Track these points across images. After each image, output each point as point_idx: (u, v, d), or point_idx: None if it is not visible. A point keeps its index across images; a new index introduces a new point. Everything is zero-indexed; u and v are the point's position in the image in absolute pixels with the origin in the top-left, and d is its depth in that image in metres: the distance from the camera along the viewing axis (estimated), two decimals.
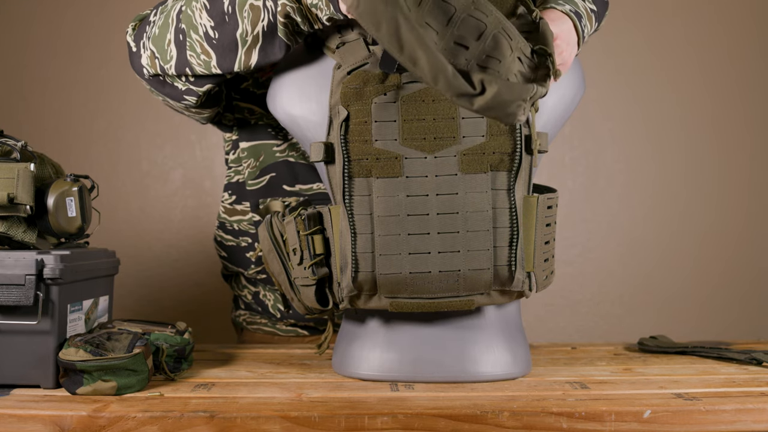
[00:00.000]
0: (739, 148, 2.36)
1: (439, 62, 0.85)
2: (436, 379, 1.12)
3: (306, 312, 1.20)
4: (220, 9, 1.16)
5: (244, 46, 1.16)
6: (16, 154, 1.15)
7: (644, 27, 2.35)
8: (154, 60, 1.22)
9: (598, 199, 2.35)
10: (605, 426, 0.96)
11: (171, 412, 0.95)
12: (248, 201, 1.47)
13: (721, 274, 2.35)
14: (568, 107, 1.18)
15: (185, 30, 1.18)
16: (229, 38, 1.16)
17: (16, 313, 1.07)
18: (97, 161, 2.25)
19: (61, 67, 2.23)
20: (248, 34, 1.15)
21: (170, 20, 1.19)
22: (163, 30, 1.20)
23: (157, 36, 1.21)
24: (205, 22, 1.17)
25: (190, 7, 1.18)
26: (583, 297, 2.36)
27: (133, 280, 2.21)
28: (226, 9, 1.16)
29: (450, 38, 0.91)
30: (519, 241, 1.08)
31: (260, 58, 1.17)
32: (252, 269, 1.49)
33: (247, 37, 1.16)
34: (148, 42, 1.22)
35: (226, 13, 1.16)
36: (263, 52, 1.17)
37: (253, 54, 1.17)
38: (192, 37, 1.18)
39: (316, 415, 0.95)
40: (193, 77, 1.22)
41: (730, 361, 1.29)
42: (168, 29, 1.20)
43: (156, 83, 1.26)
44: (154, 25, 1.22)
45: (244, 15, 1.15)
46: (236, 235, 1.50)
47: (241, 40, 1.16)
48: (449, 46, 0.91)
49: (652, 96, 2.35)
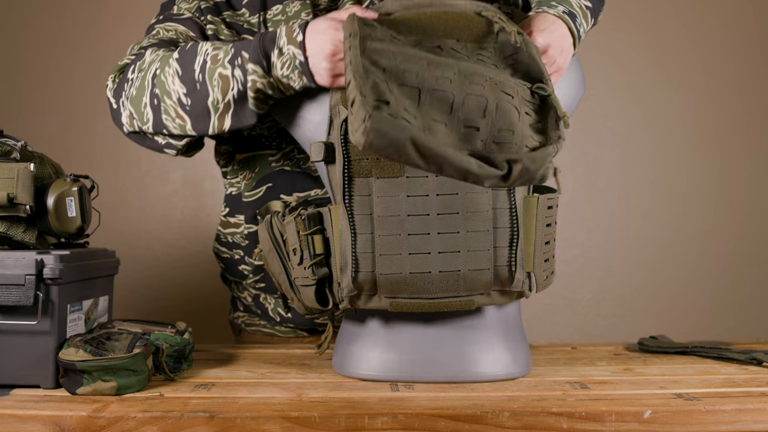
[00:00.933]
0: (739, 148, 2.36)
1: (462, 161, 0.87)
2: (436, 379, 1.12)
3: (306, 312, 1.20)
4: (191, 76, 1.18)
5: (216, 113, 1.18)
6: (15, 154, 1.15)
7: (644, 27, 2.35)
8: (132, 120, 1.24)
9: (598, 199, 2.35)
10: (605, 426, 0.96)
11: (171, 412, 0.95)
12: (242, 213, 1.46)
13: (721, 274, 2.35)
14: (568, 107, 1.18)
15: (159, 95, 1.20)
16: (202, 105, 1.18)
17: (15, 313, 1.07)
18: (97, 161, 2.25)
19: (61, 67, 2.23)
20: (219, 102, 1.17)
21: (146, 83, 1.21)
22: (140, 92, 1.22)
23: (134, 97, 1.23)
24: (178, 88, 1.19)
25: (164, 72, 1.20)
26: (583, 297, 2.36)
27: (133, 280, 2.21)
28: (197, 77, 1.17)
29: (459, 125, 0.92)
30: (519, 241, 1.08)
31: (233, 123, 1.18)
32: (250, 278, 1.49)
33: (219, 105, 1.17)
34: (126, 101, 1.24)
35: (197, 81, 1.17)
36: (236, 117, 1.18)
37: (226, 119, 1.18)
38: (166, 102, 1.20)
39: (316, 415, 0.95)
40: (171, 136, 1.24)
41: (730, 361, 1.29)
42: (144, 92, 1.21)
43: (136, 138, 1.28)
44: (132, 85, 1.23)
45: (213, 83, 1.16)
46: (230, 248, 1.50)
47: (213, 108, 1.18)
48: (461, 133, 0.92)
49: (652, 96, 2.35)
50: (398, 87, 0.91)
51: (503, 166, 0.90)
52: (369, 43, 0.94)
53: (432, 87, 0.92)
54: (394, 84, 0.91)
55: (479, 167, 0.88)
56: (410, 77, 0.92)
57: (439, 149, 0.86)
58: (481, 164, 0.89)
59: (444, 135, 0.91)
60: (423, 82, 0.92)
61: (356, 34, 0.95)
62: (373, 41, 0.95)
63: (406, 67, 0.92)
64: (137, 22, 2.16)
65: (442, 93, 0.92)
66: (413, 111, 0.90)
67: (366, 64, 0.90)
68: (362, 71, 0.89)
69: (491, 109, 0.93)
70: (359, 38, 0.94)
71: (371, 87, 0.88)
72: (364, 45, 0.93)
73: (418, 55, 0.94)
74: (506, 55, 1.03)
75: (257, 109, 1.17)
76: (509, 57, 1.03)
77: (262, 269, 1.47)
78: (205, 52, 1.17)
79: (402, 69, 0.92)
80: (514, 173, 0.90)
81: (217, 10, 1.40)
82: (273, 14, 1.40)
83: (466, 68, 0.95)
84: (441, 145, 0.87)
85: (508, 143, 0.92)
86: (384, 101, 0.88)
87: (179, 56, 1.19)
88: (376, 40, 0.96)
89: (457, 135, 0.92)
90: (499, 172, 0.89)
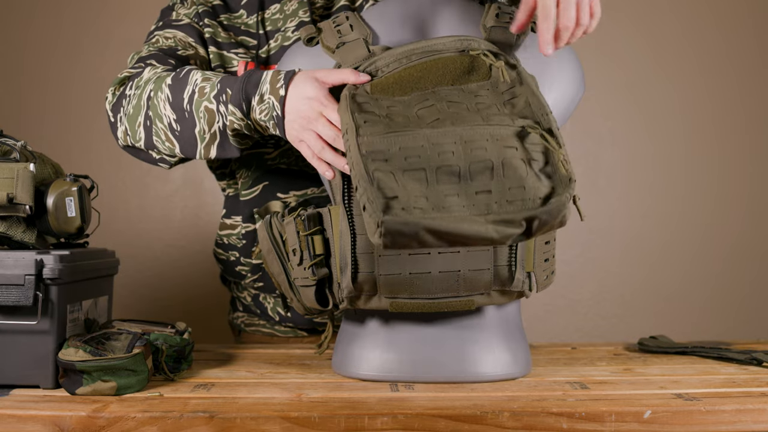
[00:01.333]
0: (739, 148, 2.36)
1: (479, 231, 0.90)
2: (436, 380, 1.12)
3: (305, 312, 1.20)
4: (180, 104, 1.21)
5: (202, 142, 1.22)
6: (15, 154, 1.15)
7: (644, 27, 2.35)
8: (126, 136, 1.27)
9: (598, 199, 2.35)
10: (605, 426, 0.96)
11: (170, 412, 0.95)
12: (239, 214, 1.46)
13: (721, 273, 2.35)
14: (568, 107, 1.18)
15: (152, 117, 1.24)
16: (189, 133, 1.22)
17: (15, 313, 1.06)
18: (97, 161, 2.25)
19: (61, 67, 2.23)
20: (206, 132, 1.21)
21: (141, 103, 1.24)
22: (135, 111, 1.25)
23: (131, 115, 1.26)
24: (168, 113, 1.22)
25: (157, 96, 1.23)
26: (583, 297, 2.36)
27: (133, 280, 2.21)
28: (185, 106, 1.20)
29: (471, 192, 0.93)
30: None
31: (218, 153, 1.23)
32: (249, 278, 1.49)
33: (205, 135, 1.21)
34: (123, 117, 1.27)
35: (185, 110, 1.21)
36: (221, 149, 1.22)
37: (212, 149, 1.22)
38: (158, 125, 1.23)
39: (316, 416, 0.95)
40: (163, 153, 1.27)
41: (730, 361, 1.29)
42: (140, 111, 1.25)
43: (131, 151, 1.31)
44: (129, 102, 1.26)
45: (200, 115, 1.20)
46: (226, 249, 1.50)
47: (199, 137, 1.21)
48: (475, 200, 0.93)
49: (652, 96, 2.35)
50: (404, 173, 0.93)
51: (521, 224, 0.91)
52: (366, 137, 0.96)
53: (437, 165, 0.93)
54: (399, 172, 0.93)
55: (497, 232, 0.90)
56: (414, 160, 0.93)
57: (453, 227, 0.89)
58: (498, 229, 0.90)
59: (458, 206, 0.92)
60: (427, 161, 0.93)
61: (353, 130, 0.97)
62: (369, 127, 0.97)
63: (408, 151, 0.94)
64: (137, 22, 2.16)
65: (448, 167, 0.93)
66: (424, 192, 0.92)
67: (367, 164, 0.93)
68: (366, 176, 0.92)
69: (498, 169, 0.94)
70: (356, 134, 0.96)
71: (377, 189, 0.91)
72: (362, 140, 0.95)
73: (417, 135, 0.95)
74: (502, 91, 1.04)
75: (238, 145, 1.21)
76: (506, 92, 1.04)
77: (260, 268, 1.47)
78: (195, 83, 1.20)
79: (404, 155, 0.94)
80: (534, 228, 0.92)
81: (215, 13, 1.40)
82: (271, 13, 1.40)
83: (466, 134, 0.95)
84: (454, 223, 0.89)
85: (521, 200, 0.93)
86: (393, 197, 0.91)
87: (171, 82, 1.22)
88: (372, 120, 0.99)
89: (472, 202, 0.93)
90: (518, 231, 0.91)
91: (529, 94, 1.02)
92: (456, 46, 1.10)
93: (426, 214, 0.90)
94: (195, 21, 1.39)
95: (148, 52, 1.33)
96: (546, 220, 0.92)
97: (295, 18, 1.39)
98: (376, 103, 1.05)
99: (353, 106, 1.03)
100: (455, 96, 1.04)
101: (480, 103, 1.02)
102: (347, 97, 1.04)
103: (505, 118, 0.98)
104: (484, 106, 1.01)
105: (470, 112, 1.00)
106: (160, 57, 1.32)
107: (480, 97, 1.03)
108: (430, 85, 1.07)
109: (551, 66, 1.17)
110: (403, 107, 1.04)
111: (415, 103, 1.04)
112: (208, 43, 1.38)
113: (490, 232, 0.91)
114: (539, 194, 0.93)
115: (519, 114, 1.00)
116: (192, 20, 1.39)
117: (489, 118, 0.98)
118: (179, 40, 1.36)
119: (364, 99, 1.05)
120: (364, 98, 1.05)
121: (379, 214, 0.89)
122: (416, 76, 1.08)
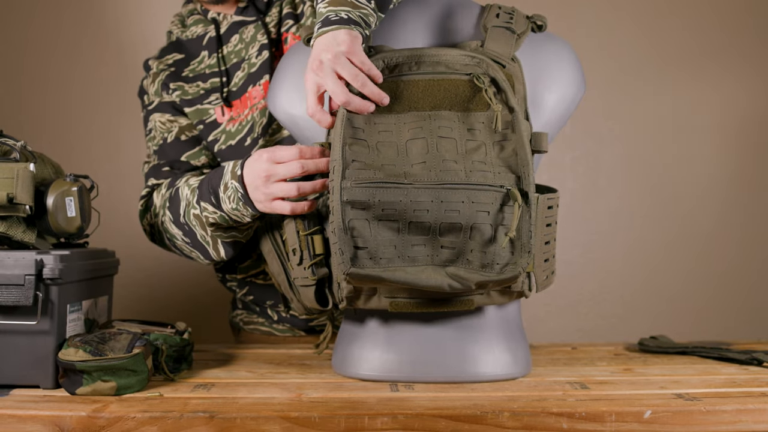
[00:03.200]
0: (739, 148, 2.36)
1: (435, 283, 1.00)
2: (436, 380, 1.12)
3: (305, 312, 1.20)
4: (179, 220, 1.30)
5: (209, 246, 1.29)
6: (15, 154, 1.15)
7: (645, 26, 2.35)
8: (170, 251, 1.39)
9: (599, 199, 2.35)
10: (606, 426, 0.96)
11: (170, 412, 0.95)
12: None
13: (722, 274, 2.35)
14: (568, 107, 1.18)
15: (171, 239, 1.35)
16: (197, 242, 1.31)
17: (15, 313, 1.06)
18: (97, 161, 2.24)
19: (60, 67, 2.23)
20: (206, 236, 1.28)
21: (161, 230, 1.36)
22: (160, 236, 1.38)
23: (161, 241, 1.39)
24: (176, 232, 1.32)
25: (164, 220, 1.35)
26: (584, 297, 2.35)
27: (133, 280, 2.21)
28: (182, 220, 1.29)
29: (437, 244, 1.03)
30: None
31: (226, 251, 1.30)
32: (239, 292, 1.53)
33: (207, 239, 1.28)
34: (158, 242, 1.40)
35: (184, 224, 1.29)
36: (226, 245, 1.29)
37: (220, 249, 1.30)
38: (177, 243, 1.35)
39: (316, 416, 0.95)
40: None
41: (730, 362, 1.29)
42: (164, 237, 1.37)
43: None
44: (156, 230, 1.38)
45: (193, 223, 1.28)
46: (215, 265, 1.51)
47: (204, 242, 1.29)
48: (439, 251, 1.03)
49: (652, 96, 2.35)
50: (379, 222, 1.02)
51: (473, 287, 1.00)
52: (350, 185, 1.01)
53: (410, 220, 1.01)
54: (375, 220, 1.01)
55: (450, 287, 1.00)
56: (390, 212, 1.01)
57: (411, 279, 1.00)
58: (453, 285, 1.00)
59: (423, 256, 1.03)
60: (403, 215, 1.01)
61: (339, 172, 1.01)
62: (355, 171, 1.02)
63: (386, 204, 1.01)
64: (137, 22, 2.16)
65: (420, 223, 1.02)
66: (394, 240, 1.02)
67: (345, 213, 1.01)
68: (342, 225, 1.00)
69: (466, 231, 1.02)
70: (341, 177, 1.01)
71: (350, 239, 1.01)
72: (345, 186, 1.01)
73: (397, 191, 1.01)
74: (495, 131, 1.06)
75: (232, 239, 1.28)
76: (498, 133, 1.06)
77: (246, 283, 1.48)
78: (186, 197, 1.30)
79: (382, 206, 1.01)
80: (486, 289, 1.04)
81: (177, 71, 1.45)
82: (233, 46, 1.43)
83: (444, 195, 1.01)
84: (411, 275, 1.00)
85: (479, 263, 1.02)
86: (363, 248, 1.01)
87: (169, 205, 1.33)
88: (360, 158, 1.03)
89: (436, 253, 1.03)
90: (469, 289, 1.01)
91: (518, 145, 1.05)
92: (463, 62, 1.09)
93: (390, 264, 1.01)
94: (163, 95, 1.44)
95: (150, 165, 1.44)
96: (498, 282, 1.01)
97: (255, 42, 1.42)
98: (369, 128, 1.06)
99: (347, 131, 1.04)
100: (449, 128, 1.06)
101: (471, 141, 1.05)
102: (343, 118, 1.04)
103: (488, 174, 1.03)
104: (474, 146, 1.05)
105: (458, 156, 1.04)
106: (157, 170, 1.42)
107: (474, 132, 1.06)
108: (428, 107, 1.07)
109: (551, 66, 1.17)
110: (395, 134, 1.06)
111: (408, 128, 1.06)
112: (182, 106, 1.43)
113: (444, 286, 1.00)
114: (498, 260, 1.01)
115: (504, 161, 1.04)
116: (161, 96, 1.44)
117: (473, 171, 1.02)
118: (161, 125, 1.44)
119: (359, 124, 1.06)
120: (359, 121, 1.06)
121: (347, 265, 1.00)
122: (417, 95, 1.08)
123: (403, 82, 1.09)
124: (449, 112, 1.07)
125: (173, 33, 1.49)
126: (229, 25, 1.44)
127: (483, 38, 1.14)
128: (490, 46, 1.12)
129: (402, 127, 1.06)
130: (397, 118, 1.07)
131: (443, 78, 1.08)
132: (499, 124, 1.05)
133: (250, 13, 1.43)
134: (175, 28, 1.49)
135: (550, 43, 1.19)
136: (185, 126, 1.43)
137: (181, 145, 1.43)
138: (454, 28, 1.18)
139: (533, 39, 1.18)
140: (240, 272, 1.48)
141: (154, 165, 1.44)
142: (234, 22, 1.44)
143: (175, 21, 1.50)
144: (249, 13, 1.43)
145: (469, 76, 1.08)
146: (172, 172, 1.42)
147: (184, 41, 1.47)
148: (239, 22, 1.43)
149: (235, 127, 1.41)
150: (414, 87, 1.08)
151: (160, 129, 1.44)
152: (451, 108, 1.07)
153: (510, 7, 1.19)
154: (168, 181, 1.38)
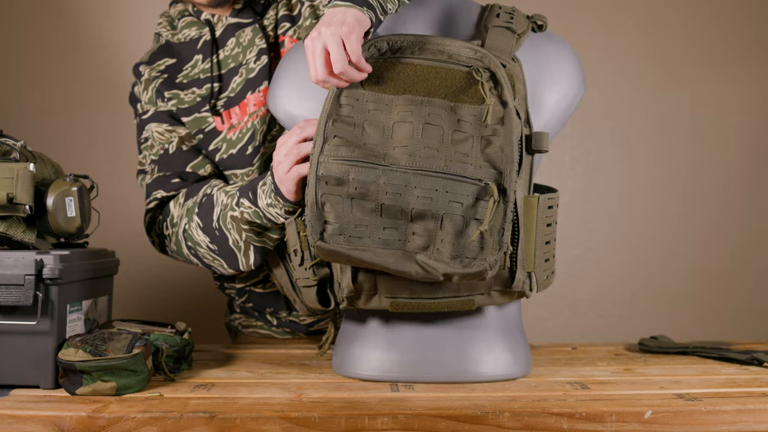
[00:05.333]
0: (740, 148, 2.36)
1: (403, 268, 1.01)
2: (437, 380, 1.12)
3: (308, 313, 1.20)
4: (210, 225, 1.27)
5: (240, 252, 1.27)
6: (15, 154, 1.15)
7: (645, 26, 2.35)
8: (189, 263, 1.36)
9: (599, 199, 2.35)
10: (606, 426, 0.96)
11: (171, 412, 0.95)
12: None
13: (723, 274, 2.35)
14: (568, 107, 1.18)
15: (193, 247, 1.32)
16: (227, 248, 1.28)
17: (15, 313, 1.06)
18: (97, 161, 2.24)
19: (60, 67, 2.23)
20: (239, 241, 1.26)
21: (180, 238, 1.33)
22: (179, 246, 1.34)
23: (177, 251, 1.35)
24: (203, 238, 1.29)
25: (189, 227, 1.30)
26: (584, 297, 2.35)
27: (133, 280, 2.21)
28: (214, 225, 1.26)
29: (409, 230, 1.03)
30: (519, 241, 1.08)
31: (255, 259, 1.28)
32: (237, 300, 1.51)
33: (240, 244, 1.26)
34: (173, 253, 1.37)
35: (216, 228, 1.26)
36: (257, 252, 1.27)
37: (251, 256, 1.27)
38: (199, 251, 1.32)
39: (316, 416, 0.95)
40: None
41: (731, 362, 1.29)
42: (181, 245, 1.34)
43: None
44: (171, 241, 1.35)
45: (228, 227, 1.25)
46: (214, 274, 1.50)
47: (236, 248, 1.27)
48: (410, 237, 1.03)
49: (652, 96, 2.35)
50: (352, 200, 1.03)
51: (440, 277, 1.01)
52: (327, 160, 1.03)
53: (382, 202, 1.02)
54: (347, 198, 1.03)
55: (417, 273, 1.01)
56: (363, 192, 1.03)
57: (379, 261, 1.01)
58: (420, 272, 1.01)
59: (395, 239, 1.03)
60: (376, 197, 1.02)
61: (319, 145, 1.03)
62: (335, 147, 1.03)
63: (361, 184, 1.02)
64: (137, 22, 2.16)
65: (393, 206, 1.02)
66: (368, 221, 1.03)
67: (318, 188, 1.03)
68: (313, 199, 1.03)
69: (438, 220, 1.02)
70: (320, 152, 1.03)
71: (320, 213, 1.03)
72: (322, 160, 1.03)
73: (373, 171, 1.03)
74: (485, 125, 1.05)
75: (262, 245, 1.25)
76: (488, 128, 1.05)
77: (245, 291, 1.48)
78: (222, 202, 1.27)
79: (356, 185, 1.02)
80: (453, 281, 1.03)
81: (170, 78, 1.40)
82: (229, 50, 1.39)
83: (419, 181, 1.02)
84: (380, 257, 1.02)
85: (448, 254, 1.01)
86: (332, 223, 1.03)
87: (198, 210, 1.30)
88: (342, 134, 1.04)
89: (407, 239, 1.03)
90: (437, 279, 1.01)
91: (505, 142, 1.04)
92: (466, 54, 1.08)
93: (361, 244, 1.02)
94: (158, 103, 1.40)
95: (151, 176, 1.39)
96: (464, 276, 1.01)
97: (253, 47, 1.38)
98: (358, 105, 1.06)
99: (333, 107, 1.05)
100: (438, 116, 1.05)
101: (459, 132, 1.04)
102: (332, 95, 1.05)
103: (468, 167, 1.03)
104: (460, 137, 1.04)
105: (442, 145, 1.04)
106: (164, 181, 1.38)
107: (463, 124, 1.05)
108: (423, 93, 1.07)
109: (551, 66, 1.17)
110: (384, 114, 1.06)
111: (398, 111, 1.05)
112: (179, 115, 1.39)
113: (411, 273, 1.01)
114: (467, 254, 1.01)
115: (488, 156, 1.03)
116: (156, 105, 1.40)
117: (453, 161, 1.03)
118: (159, 135, 1.40)
119: (347, 101, 1.06)
120: (348, 99, 1.06)
121: (315, 238, 1.02)
122: (413, 79, 1.07)
123: (402, 63, 1.08)
124: (442, 101, 1.06)
125: (162, 35, 1.43)
126: (224, 27, 1.39)
127: (483, 38, 1.14)
128: (490, 45, 1.12)
129: (393, 108, 1.06)
130: (389, 99, 1.07)
131: (442, 66, 1.08)
132: (489, 117, 1.04)
133: (247, 15, 1.38)
134: (164, 30, 1.44)
135: (551, 43, 1.19)
136: (184, 136, 1.39)
137: (185, 156, 1.39)
138: (455, 28, 1.18)
139: (533, 39, 1.18)
140: (239, 281, 1.47)
141: (158, 177, 1.38)
142: (230, 24, 1.39)
143: (163, 23, 1.45)
144: (245, 15, 1.38)
145: (468, 69, 1.07)
146: (183, 183, 1.37)
147: (174, 44, 1.42)
148: (235, 25, 1.39)
149: (236, 135, 1.38)
150: (411, 70, 1.08)
151: (159, 139, 1.39)
152: (446, 97, 1.06)
153: (510, 7, 1.18)
154: (185, 190, 1.35)
